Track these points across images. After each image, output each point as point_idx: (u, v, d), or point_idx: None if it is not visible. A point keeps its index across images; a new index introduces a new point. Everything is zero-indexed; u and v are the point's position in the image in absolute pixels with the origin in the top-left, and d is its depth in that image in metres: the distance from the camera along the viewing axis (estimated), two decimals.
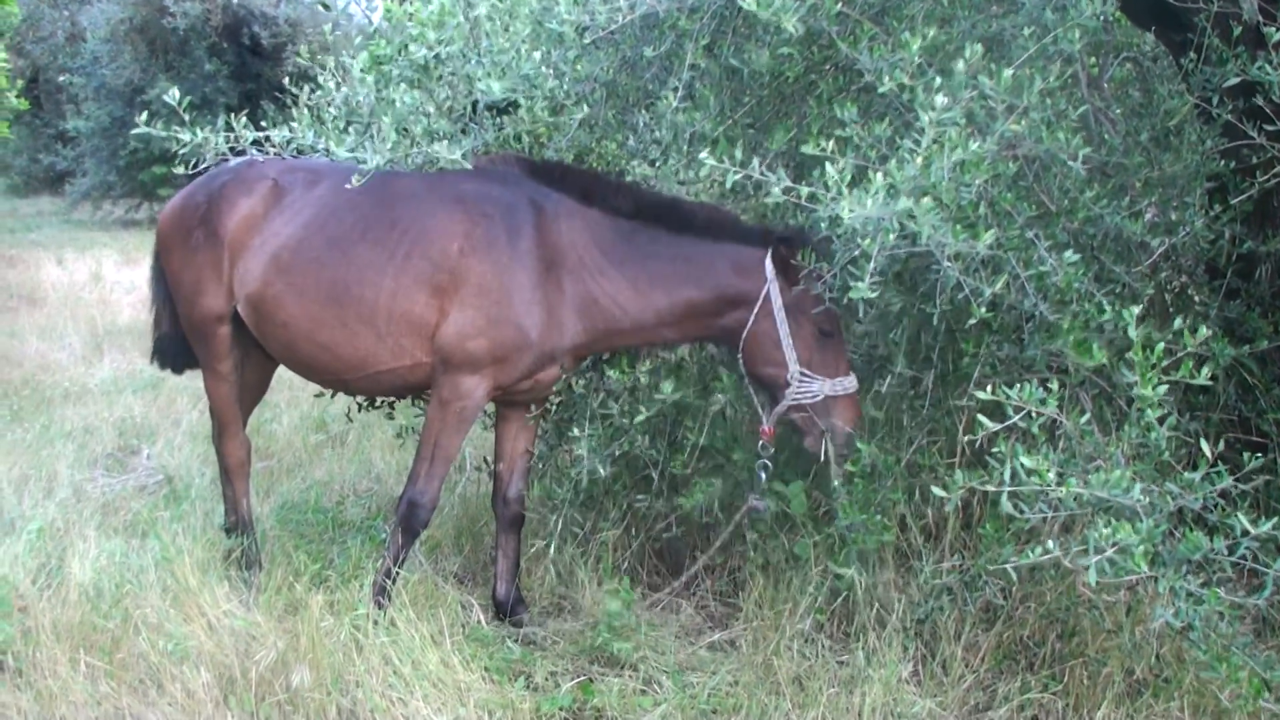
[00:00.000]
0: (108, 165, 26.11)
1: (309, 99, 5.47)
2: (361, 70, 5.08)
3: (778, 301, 4.67)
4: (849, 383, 4.74)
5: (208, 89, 24.23)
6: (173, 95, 5.22)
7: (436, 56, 4.79)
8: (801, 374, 4.68)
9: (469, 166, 4.82)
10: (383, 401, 6.22)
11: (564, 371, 5.05)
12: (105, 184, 26.57)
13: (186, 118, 5.22)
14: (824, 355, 4.74)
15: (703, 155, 4.15)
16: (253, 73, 26.29)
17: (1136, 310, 3.60)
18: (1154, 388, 3.50)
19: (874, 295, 3.87)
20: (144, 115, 5.22)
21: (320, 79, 5.69)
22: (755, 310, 4.72)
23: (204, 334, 5.45)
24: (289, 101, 5.86)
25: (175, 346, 5.88)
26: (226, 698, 4.41)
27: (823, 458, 4.81)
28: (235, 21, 25.49)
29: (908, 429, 5.21)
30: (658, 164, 5.25)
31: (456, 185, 4.91)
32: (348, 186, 4.87)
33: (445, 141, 4.81)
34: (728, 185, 4.19)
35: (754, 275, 4.73)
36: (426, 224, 4.91)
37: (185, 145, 5.26)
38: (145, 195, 27.25)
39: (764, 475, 4.98)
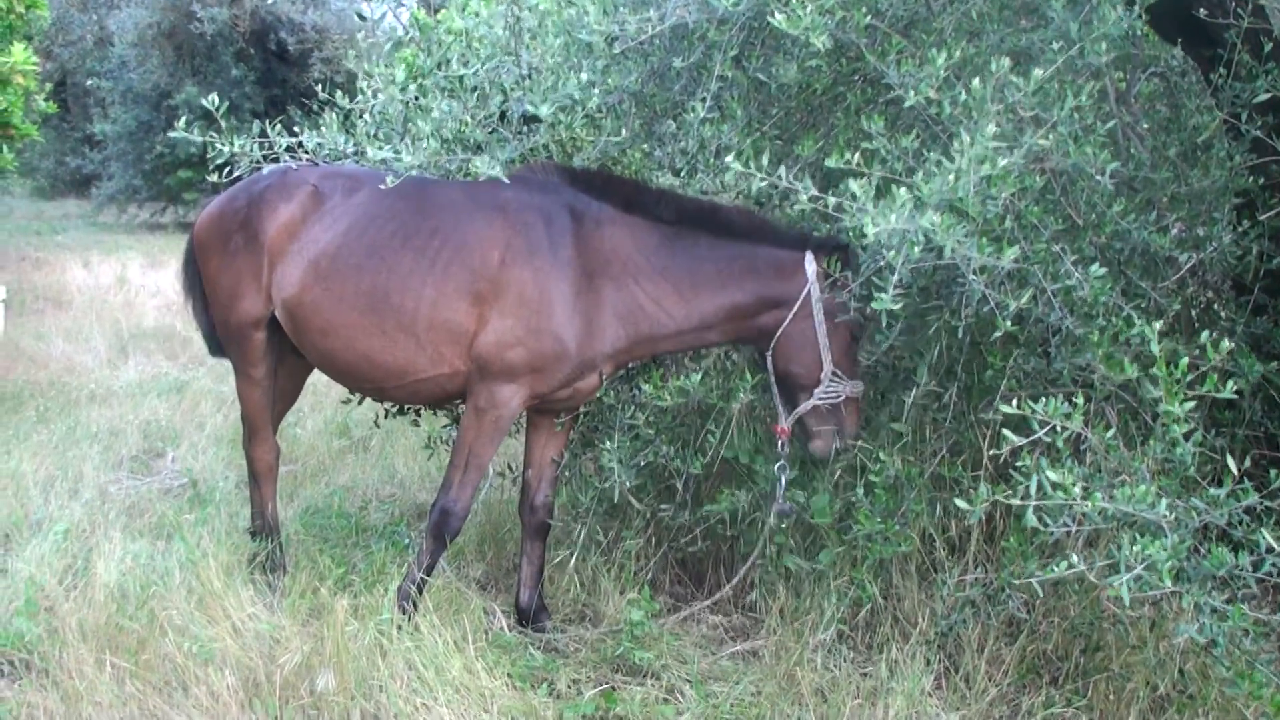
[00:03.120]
0: (134, 169, 26.32)
1: (348, 105, 5.48)
2: (398, 81, 5.09)
3: (817, 304, 4.69)
4: (859, 385, 4.84)
5: (234, 95, 24.38)
6: (211, 100, 5.25)
7: (474, 72, 4.81)
8: (834, 374, 4.74)
9: (506, 180, 4.84)
10: (409, 409, 6.23)
11: (603, 380, 5.05)
12: (131, 187, 26.78)
13: (224, 124, 5.26)
14: (850, 358, 4.81)
15: (729, 160, 4.17)
16: (279, 78, 26.45)
17: (1159, 325, 3.60)
18: (1180, 403, 3.49)
19: (897, 307, 3.89)
20: (182, 120, 5.25)
21: (360, 85, 5.70)
22: (794, 311, 4.74)
23: (239, 338, 5.47)
24: (316, 107, 5.88)
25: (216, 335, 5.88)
26: (251, 700, 4.43)
27: (829, 456, 4.92)
28: (262, 27, 25.65)
29: (931, 441, 5.21)
30: (683, 174, 5.26)
31: (497, 194, 4.92)
32: (382, 187, 4.88)
33: (486, 157, 4.82)
34: (752, 191, 4.21)
35: (794, 277, 4.75)
36: (467, 232, 4.92)
37: (220, 152, 5.28)
38: (171, 199, 27.45)
39: (784, 478, 5.00)
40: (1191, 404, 3.51)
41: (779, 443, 4.99)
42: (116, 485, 7.45)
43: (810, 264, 4.71)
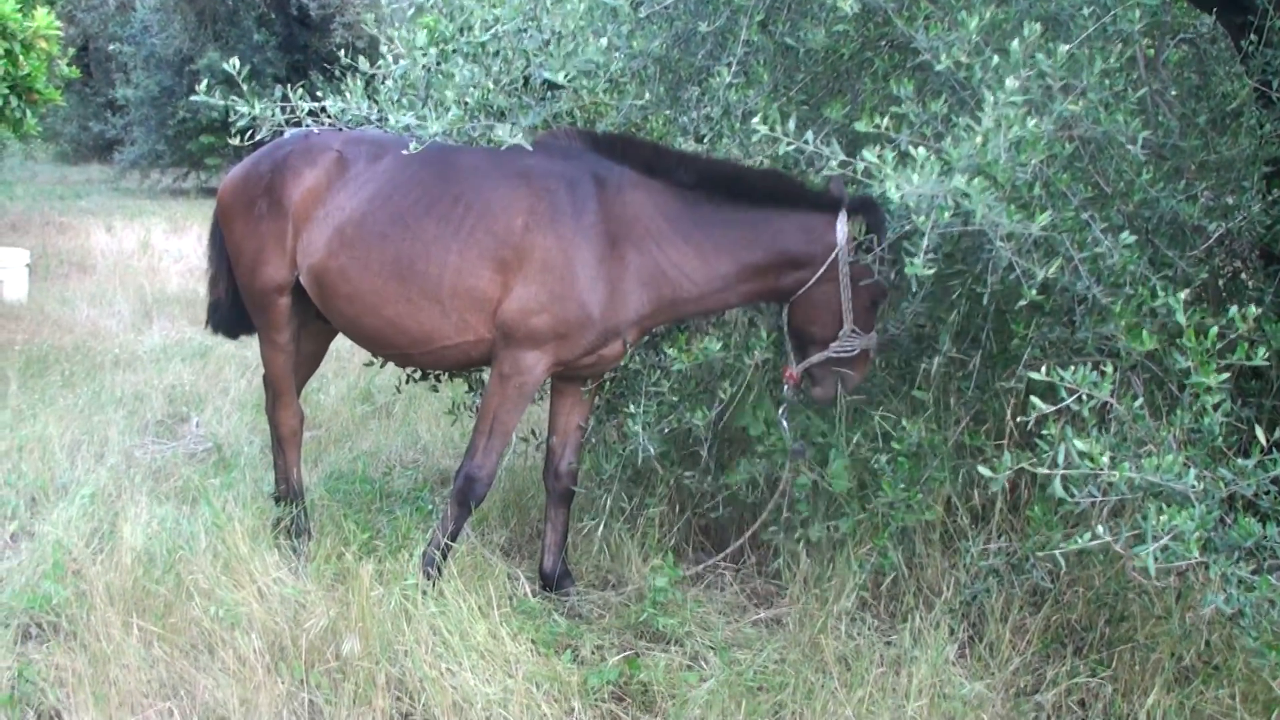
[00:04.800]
0: (156, 134, 26.42)
1: (370, 70, 5.47)
2: (419, 47, 5.08)
3: (845, 268, 4.68)
4: (875, 339, 4.90)
5: (256, 59, 24.40)
6: (233, 64, 5.25)
7: (494, 35, 4.79)
8: (851, 331, 4.78)
9: (528, 146, 4.83)
10: (431, 374, 6.24)
11: (628, 346, 5.04)
12: (154, 152, 26.88)
13: (245, 88, 5.25)
14: (868, 316, 4.85)
15: (754, 122, 4.14)
16: (300, 44, 26.46)
17: (1184, 295, 3.58)
18: (1211, 373, 3.47)
19: (929, 272, 3.87)
20: (204, 84, 5.26)
21: (383, 49, 5.70)
22: (819, 274, 4.74)
23: (264, 304, 5.47)
24: (338, 73, 5.87)
25: (229, 312, 5.92)
26: (277, 664, 4.44)
27: (831, 402, 5.02)
28: None
29: (954, 410, 5.20)
30: (708, 140, 5.24)
31: (520, 160, 4.91)
32: (405, 153, 4.86)
33: (508, 124, 4.81)
34: (779, 155, 4.18)
35: (820, 239, 4.74)
36: (490, 199, 4.90)
37: (242, 116, 5.28)
38: (193, 164, 27.54)
39: (785, 423, 5.05)
40: (1224, 375, 3.48)
41: (784, 386, 5.01)
42: (142, 450, 7.48)
43: (841, 227, 4.69)
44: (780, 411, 5.08)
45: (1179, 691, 4.31)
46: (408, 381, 6.47)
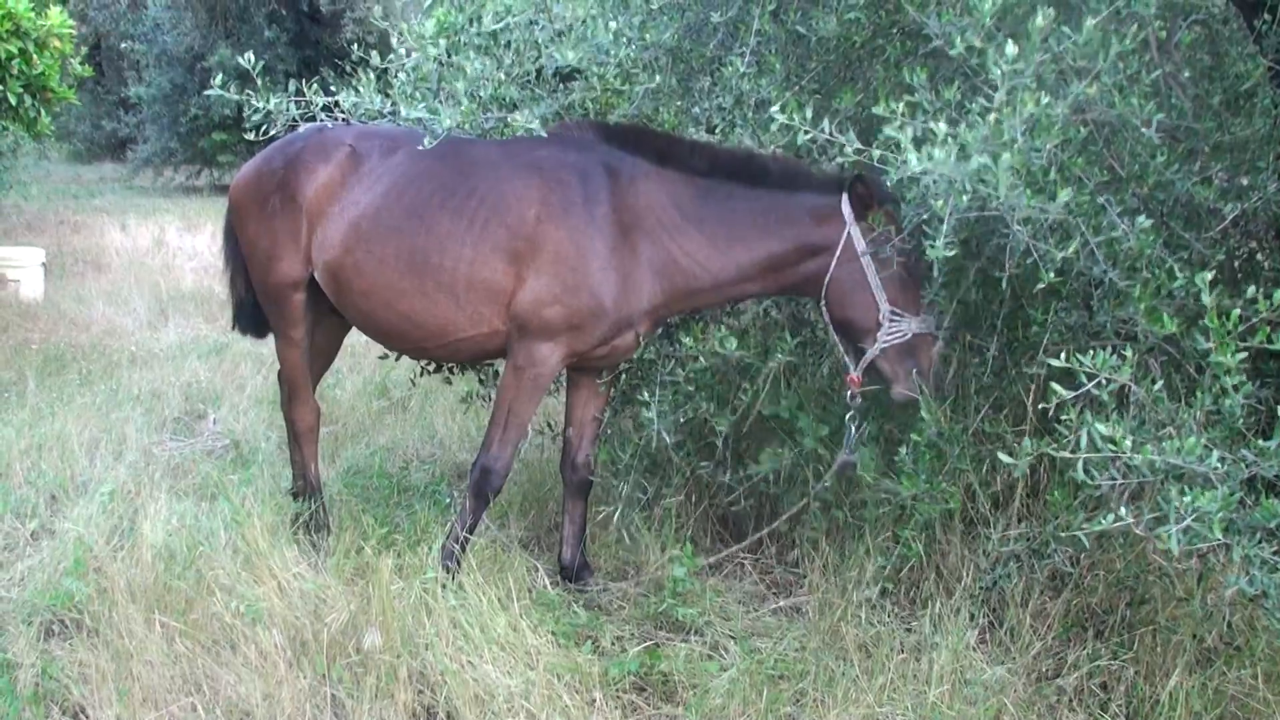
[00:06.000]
0: (169, 132, 26.51)
1: (381, 64, 5.48)
2: (429, 37, 5.09)
3: (860, 244, 4.65)
4: (931, 321, 4.72)
5: (267, 56, 24.40)
6: (248, 59, 5.27)
7: (506, 26, 4.79)
8: (892, 313, 4.66)
9: (544, 134, 4.82)
10: (445, 367, 6.24)
11: (641, 338, 5.03)
12: (166, 150, 26.98)
13: (260, 83, 5.26)
14: (908, 294, 4.71)
15: (773, 110, 4.14)
16: (311, 39, 26.50)
17: (1208, 276, 3.56)
18: (1232, 354, 3.46)
19: (951, 254, 3.86)
20: (218, 78, 5.27)
21: (394, 43, 5.71)
22: (836, 255, 4.69)
23: (278, 300, 5.49)
24: (349, 68, 5.88)
25: (253, 311, 5.92)
26: (299, 659, 4.46)
27: (916, 397, 4.74)
28: None
29: (974, 396, 5.18)
30: (720, 130, 5.23)
31: (532, 152, 4.91)
32: (420, 148, 4.86)
33: (523, 111, 4.81)
34: (797, 144, 4.17)
35: (832, 222, 4.71)
36: (504, 191, 4.90)
37: (257, 111, 5.29)
38: (206, 162, 27.64)
39: (854, 429, 4.96)
40: (1243, 355, 3.47)
41: (849, 393, 4.90)
42: (160, 447, 7.50)
43: (846, 206, 4.67)
44: (848, 418, 4.98)
45: (1201, 673, 4.30)
46: (423, 375, 6.48)
